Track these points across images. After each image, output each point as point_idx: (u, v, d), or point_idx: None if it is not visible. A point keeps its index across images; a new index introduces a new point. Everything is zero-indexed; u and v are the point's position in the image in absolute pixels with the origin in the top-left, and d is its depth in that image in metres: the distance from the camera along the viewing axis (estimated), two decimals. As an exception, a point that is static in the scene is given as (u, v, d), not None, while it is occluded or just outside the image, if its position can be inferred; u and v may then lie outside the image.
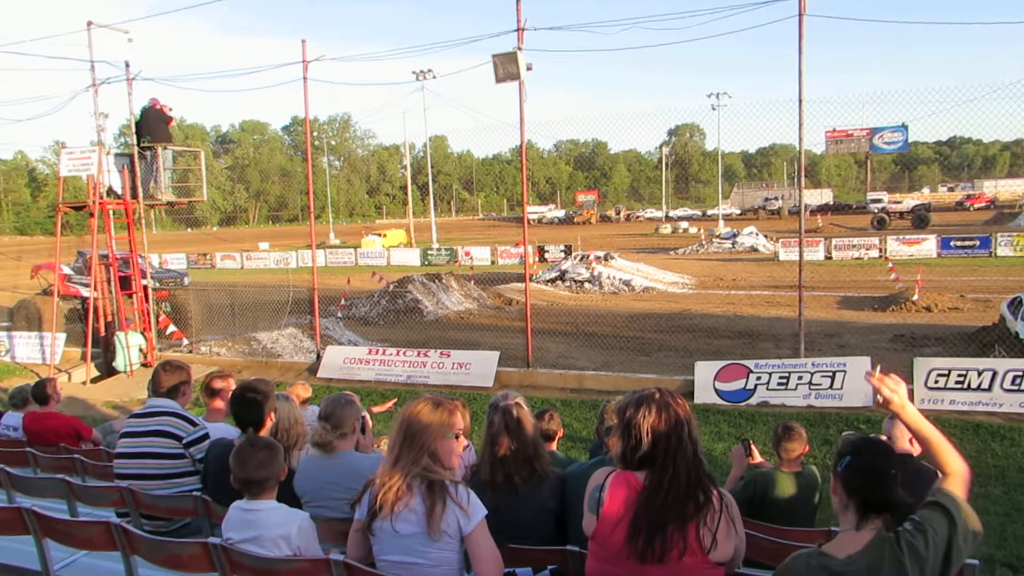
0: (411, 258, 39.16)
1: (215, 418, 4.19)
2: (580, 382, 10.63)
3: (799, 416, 8.15)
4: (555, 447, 4.26)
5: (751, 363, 9.64)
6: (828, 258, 28.82)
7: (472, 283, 21.61)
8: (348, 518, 2.59)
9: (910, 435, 2.42)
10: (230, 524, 2.75)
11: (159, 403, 3.87)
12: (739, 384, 9.43)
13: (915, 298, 16.14)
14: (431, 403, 2.50)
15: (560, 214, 75.50)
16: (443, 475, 2.40)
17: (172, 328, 14.12)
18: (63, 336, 13.89)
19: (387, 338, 14.88)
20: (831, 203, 58.37)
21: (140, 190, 12.65)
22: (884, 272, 19.55)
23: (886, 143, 50.76)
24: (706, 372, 9.66)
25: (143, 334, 12.93)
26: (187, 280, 18.44)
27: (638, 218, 72.92)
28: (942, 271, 21.81)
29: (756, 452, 4.32)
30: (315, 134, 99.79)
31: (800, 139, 9.40)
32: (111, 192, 12.68)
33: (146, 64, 22.51)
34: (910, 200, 50.64)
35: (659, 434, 2.20)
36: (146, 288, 13.29)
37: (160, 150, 12.78)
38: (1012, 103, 11.75)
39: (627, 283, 22.85)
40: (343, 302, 17.68)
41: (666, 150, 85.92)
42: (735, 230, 39.11)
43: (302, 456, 3.41)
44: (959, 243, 27.87)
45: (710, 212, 64.01)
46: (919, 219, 39.02)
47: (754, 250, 34.70)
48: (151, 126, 12.66)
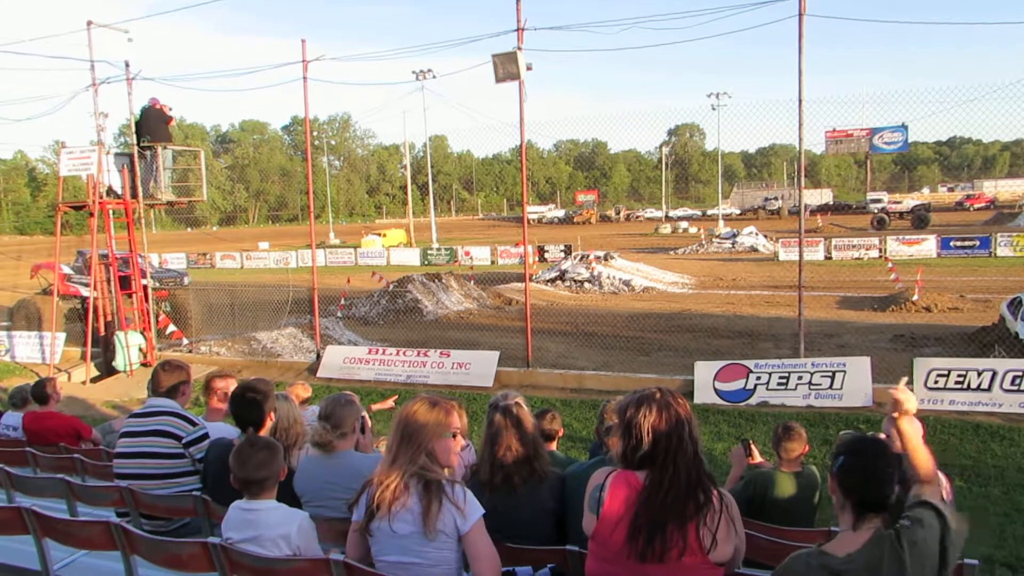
0: (411, 258, 39.14)
1: (215, 418, 4.20)
2: (580, 382, 10.62)
3: (799, 416, 8.14)
4: (555, 447, 4.27)
5: (751, 363, 9.64)
6: (828, 258, 28.79)
7: (472, 283, 21.59)
8: (348, 518, 2.58)
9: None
10: (230, 524, 2.75)
11: (159, 403, 3.87)
12: (739, 384, 9.43)
13: (915, 298, 16.14)
14: (427, 402, 2.50)
15: (560, 214, 75.44)
16: (440, 474, 2.40)
17: (172, 328, 14.12)
18: (63, 336, 13.88)
19: (387, 338, 14.87)
20: (831, 203, 58.37)
21: (140, 190, 12.64)
22: (884, 272, 19.53)
23: (886, 143, 50.73)
24: (706, 372, 9.66)
25: (143, 334, 12.93)
26: (187, 280, 18.47)
27: (638, 218, 72.91)
28: (942, 271, 21.79)
29: (756, 452, 4.32)
30: (315, 134, 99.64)
31: (800, 139, 9.39)
32: (111, 192, 12.68)
33: (146, 64, 22.44)
34: (910, 200, 50.55)
35: (660, 434, 2.21)
36: (146, 288, 13.28)
37: (160, 150, 12.77)
38: (1012, 103, 11.72)
39: (627, 283, 22.84)
40: (343, 302, 17.66)
41: (666, 150, 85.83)
42: (735, 230, 39.11)
43: (302, 456, 3.41)
44: (959, 243, 27.84)
45: (710, 212, 63.98)
46: (919, 219, 39.00)
47: (754, 250, 34.68)
48: (151, 126, 12.65)
